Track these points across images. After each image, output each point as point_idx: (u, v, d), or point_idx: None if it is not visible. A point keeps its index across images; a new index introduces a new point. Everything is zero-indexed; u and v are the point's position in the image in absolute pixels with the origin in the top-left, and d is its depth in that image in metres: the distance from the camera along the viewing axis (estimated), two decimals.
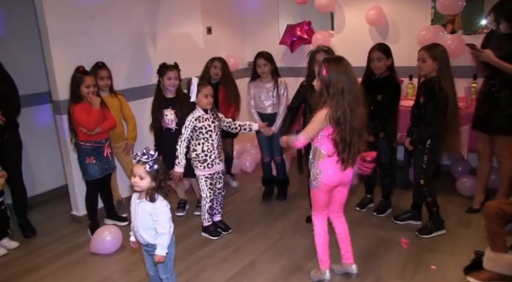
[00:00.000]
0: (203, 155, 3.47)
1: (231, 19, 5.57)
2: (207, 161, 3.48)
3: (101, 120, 3.55)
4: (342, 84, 2.55)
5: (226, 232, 3.71)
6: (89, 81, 3.49)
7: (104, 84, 3.82)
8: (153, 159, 2.32)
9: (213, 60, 4.28)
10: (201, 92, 3.36)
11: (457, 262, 3.02)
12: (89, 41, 3.92)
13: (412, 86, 4.54)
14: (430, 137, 3.31)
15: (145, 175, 2.30)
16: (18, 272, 3.32)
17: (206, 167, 3.49)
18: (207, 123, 3.43)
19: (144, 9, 4.42)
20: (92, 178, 3.66)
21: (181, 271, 3.15)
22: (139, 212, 2.39)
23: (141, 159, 2.31)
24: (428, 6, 4.57)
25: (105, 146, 3.67)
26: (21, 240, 3.77)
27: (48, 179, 4.73)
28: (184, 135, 3.41)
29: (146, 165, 2.30)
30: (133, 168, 2.33)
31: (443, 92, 3.15)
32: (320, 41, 5.03)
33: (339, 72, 2.58)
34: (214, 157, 3.50)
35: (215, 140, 3.48)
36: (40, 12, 3.63)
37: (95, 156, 3.61)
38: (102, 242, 3.46)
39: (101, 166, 3.66)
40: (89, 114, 3.47)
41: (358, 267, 2.96)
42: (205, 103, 3.39)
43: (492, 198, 3.65)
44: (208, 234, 3.64)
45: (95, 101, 3.50)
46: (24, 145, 3.86)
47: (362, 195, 4.11)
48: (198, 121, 3.40)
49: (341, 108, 2.54)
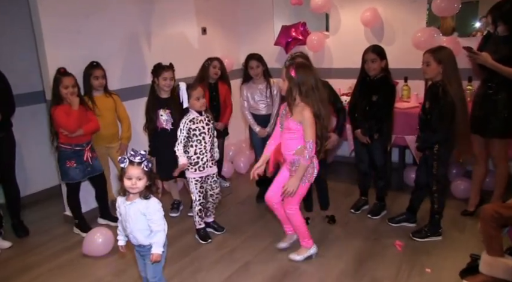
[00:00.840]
0: (195, 157, 3.43)
1: (226, 20, 5.56)
2: (199, 163, 3.44)
3: (83, 122, 3.52)
4: (311, 83, 2.89)
5: (220, 232, 3.72)
6: (67, 81, 3.46)
7: (98, 84, 3.79)
8: (146, 159, 2.31)
9: (212, 60, 4.28)
10: (193, 96, 3.34)
11: (452, 265, 3.01)
12: (83, 40, 3.89)
13: (407, 88, 4.55)
14: (436, 143, 3.26)
15: (142, 175, 2.29)
16: (11, 272, 3.29)
17: (197, 170, 3.46)
18: (201, 125, 3.40)
19: (139, 9, 4.40)
20: (72, 181, 3.64)
21: (174, 273, 3.13)
22: (132, 214, 2.37)
23: (135, 160, 2.28)
24: (424, 8, 4.57)
25: (85, 149, 3.62)
26: (14, 240, 3.74)
27: (42, 178, 4.70)
28: (180, 137, 3.39)
29: (142, 165, 2.29)
30: (128, 171, 2.29)
31: (449, 97, 3.09)
32: (315, 42, 5.03)
33: (306, 73, 2.91)
34: (207, 160, 3.46)
35: (208, 142, 3.45)
36: (34, 11, 3.60)
37: (75, 160, 3.58)
38: (95, 244, 3.44)
39: (82, 169, 3.63)
40: (68, 115, 3.44)
41: (351, 269, 2.95)
42: (199, 106, 3.37)
43: (487, 201, 3.66)
44: (199, 238, 3.61)
45: (74, 102, 3.45)
46: (18, 144, 3.83)
47: (356, 197, 4.11)
48: (192, 123, 3.38)
49: (316, 103, 2.89)
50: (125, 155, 2.35)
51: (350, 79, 4.40)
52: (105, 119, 3.85)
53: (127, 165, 2.29)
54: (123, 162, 2.29)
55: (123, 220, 2.45)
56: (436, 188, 3.35)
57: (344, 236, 3.59)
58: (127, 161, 2.29)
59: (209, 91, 4.27)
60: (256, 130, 4.17)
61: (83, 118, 3.53)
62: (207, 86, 4.24)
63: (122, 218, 2.45)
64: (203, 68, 4.29)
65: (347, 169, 5.10)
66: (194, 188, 3.51)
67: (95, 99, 3.79)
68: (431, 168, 3.32)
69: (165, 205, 4.14)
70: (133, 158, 2.29)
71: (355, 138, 3.88)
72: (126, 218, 2.40)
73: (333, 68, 5.12)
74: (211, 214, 3.76)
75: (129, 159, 2.29)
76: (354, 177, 4.42)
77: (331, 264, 3.17)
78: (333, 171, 4.98)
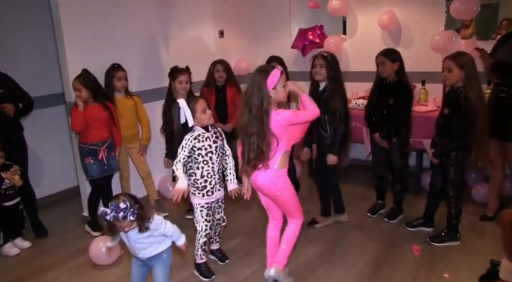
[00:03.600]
0: (202, 181, 2.95)
1: (243, 23, 5.58)
2: (207, 188, 2.97)
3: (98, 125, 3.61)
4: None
5: (223, 262, 3.33)
6: (75, 85, 3.56)
7: (121, 85, 3.86)
8: (128, 211, 2.20)
9: (215, 64, 4.29)
10: (197, 109, 2.86)
11: (470, 271, 2.97)
12: (102, 43, 3.96)
13: (425, 92, 4.50)
14: (454, 150, 3.23)
15: (131, 223, 2.25)
16: (31, 271, 3.34)
17: (205, 195, 2.98)
18: (207, 143, 2.91)
19: (157, 12, 4.45)
20: (90, 177, 3.72)
21: (188, 275, 3.15)
22: (134, 239, 2.38)
23: (118, 217, 2.18)
24: (442, 11, 4.54)
25: (101, 149, 3.68)
26: (33, 240, 3.80)
27: (61, 179, 4.77)
28: (180, 156, 2.87)
29: (128, 218, 2.20)
30: (118, 225, 2.24)
31: (470, 104, 3.04)
32: (332, 45, 5.02)
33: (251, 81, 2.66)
34: (215, 183, 3.00)
35: (216, 162, 2.97)
36: (55, 14, 3.67)
37: (92, 157, 3.66)
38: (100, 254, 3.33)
39: (100, 166, 3.69)
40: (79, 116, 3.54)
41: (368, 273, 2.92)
42: (207, 119, 2.90)
43: (507, 206, 3.60)
44: (199, 274, 3.13)
45: (80, 104, 3.53)
46: (37, 146, 3.90)
47: (373, 201, 4.08)
48: (197, 141, 2.89)
49: None
50: (106, 209, 2.21)
51: (367, 82, 4.39)
52: (126, 120, 3.91)
53: (112, 220, 2.21)
54: (106, 215, 2.19)
55: (125, 242, 2.46)
56: (453, 193, 3.31)
57: (360, 240, 3.57)
58: (111, 217, 2.19)
59: (216, 93, 4.30)
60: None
61: (99, 122, 3.61)
62: (214, 89, 4.28)
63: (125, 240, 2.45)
64: (209, 73, 4.33)
65: (363, 172, 5.07)
66: (200, 216, 3.01)
67: (116, 101, 3.85)
68: (448, 173, 3.28)
69: (181, 208, 4.21)
70: (116, 214, 2.19)
71: (372, 142, 3.86)
72: (128, 242, 2.43)
73: (350, 72, 5.10)
74: (214, 241, 3.33)
75: (113, 216, 2.19)
76: (371, 181, 4.39)
77: (348, 268, 3.15)
78: (349, 175, 4.96)
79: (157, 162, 4.32)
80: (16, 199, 3.61)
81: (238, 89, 4.42)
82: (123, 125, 3.88)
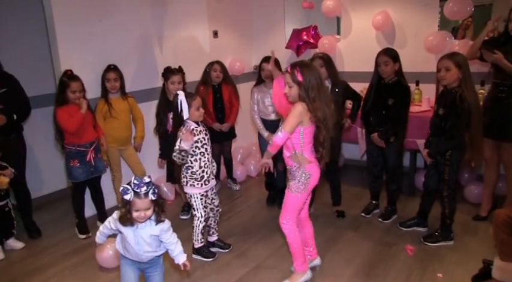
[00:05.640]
0: (200, 171, 3.14)
1: (237, 23, 5.58)
2: (204, 177, 3.16)
3: (88, 126, 3.60)
4: (317, 82, 2.62)
5: (226, 250, 3.47)
6: (75, 86, 3.51)
7: (110, 87, 3.85)
8: (152, 187, 2.15)
9: (212, 64, 4.31)
10: (193, 106, 3.05)
11: (464, 270, 2.99)
12: (96, 43, 3.94)
13: (419, 92, 4.52)
14: (449, 149, 3.24)
15: (151, 205, 2.16)
16: (24, 272, 3.32)
17: (203, 184, 3.17)
18: (201, 136, 3.11)
19: (151, 12, 4.44)
20: (75, 180, 3.69)
21: (184, 276, 3.14)
22: (145, 237, 2.24)
23: (141, 192, 2.10)
24: (436, 11, 4.55)
25: (89, 150, 3.65)
26: (27, 241, 3.77)
27: (54, 180, 4.75)
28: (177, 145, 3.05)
29: (149, 195, 2.13)
30: (135, 205, 2.12)
31: (466, 103, 3.05)
32: (326, 45, 5.02)
33: (311, 72, 2.63)
34: (210, 172, 3.21)
35: (210, 153, 3.20)
36: (49, 14, 3.65)
37: (79, 159, 3.62)
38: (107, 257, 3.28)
39: (86, 169, 3.66)
40: (72, 117, 3.49)
41: (362, 273, 2.94)
42: (198, 116, 3.09)
43: (500, 206, 3.62)
44: (202, 257, 3.33)
45: (83, 105, 3.51)
46: (31, 146, 3.87)
47: (367, 201, 4.09)
48: (193, 134, 3.08)
49: (321, 109, 2.62)
50: (127, 185, 2.13)
51: (361, 83, 4.40)
52: (121, 122, 3.91)
53: (132, 198, 2.11)
54: (127, 193, 2.10)
55: (126, 243, 2.30)
56: (447, 193, 3.32)
57: (354, 240, 3.57)
58: (131, 193, 2.10)
59: (213, 93, 4.30)
60: (265, 135, 4.12)
61: (88, 121, 3.60)
62: (211, 89, 4.28)
63: (126, 240, 2.29)
64: (205, 72, 4.33)
65: (357, 172, 5.08)
66: (199, 203, 3.21)
67: (111, 102, 3.83)
68: (443, 173, 3.29)
69: (175, 207, 4.21)
70: (138, 189, 2.10)
71: (368, 141, 3.86)
72: (134, 241, 2.25)
73: (344, 72, 5.11)
74: (215, 232, 3.49)
75: (134, 191, 2.11)
76: (365, 181, 4.40)
77: (342, 268, 3.15)
78: (343, 175, 4.97)
79: (150, 162, 4.31)
80: (4, 201, 3.56)
81: (234, 88, 4.43)
82: (118, 126, 3.87)
